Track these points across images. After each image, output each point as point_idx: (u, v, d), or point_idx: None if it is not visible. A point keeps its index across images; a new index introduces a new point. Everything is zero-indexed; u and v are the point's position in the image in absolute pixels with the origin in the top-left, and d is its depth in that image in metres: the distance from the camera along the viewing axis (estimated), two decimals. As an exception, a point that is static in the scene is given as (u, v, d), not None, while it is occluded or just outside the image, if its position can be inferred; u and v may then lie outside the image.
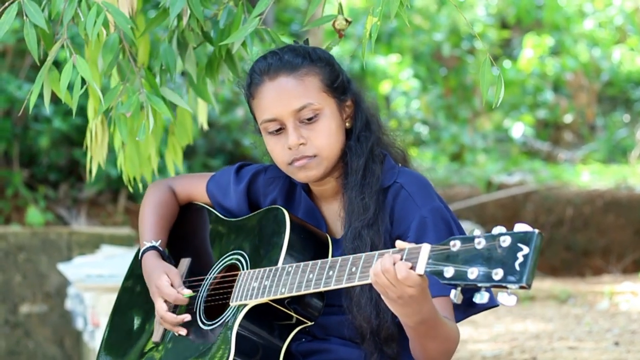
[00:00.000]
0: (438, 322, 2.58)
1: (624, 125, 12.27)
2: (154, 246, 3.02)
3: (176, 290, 2.88)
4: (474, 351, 5.76)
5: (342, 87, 2.84)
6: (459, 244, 2.35)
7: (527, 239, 2.25)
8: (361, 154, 2.82)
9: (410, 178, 2.83)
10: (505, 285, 2.25)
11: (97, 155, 3.43)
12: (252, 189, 3.03)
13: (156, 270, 2.94)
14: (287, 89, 2.78)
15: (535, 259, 2.24)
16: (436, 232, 2.73)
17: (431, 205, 2.77)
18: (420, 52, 12.29)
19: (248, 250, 2.89)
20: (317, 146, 2.78)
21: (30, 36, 2.96)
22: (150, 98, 3.11)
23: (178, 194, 3.17)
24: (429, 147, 11.71)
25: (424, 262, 2.40)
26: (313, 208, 2.92)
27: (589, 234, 9.20)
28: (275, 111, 2.78)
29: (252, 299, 2.74)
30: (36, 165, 8.23)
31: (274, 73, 2.80)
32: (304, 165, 2.79)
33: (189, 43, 3.26)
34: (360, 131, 2.84)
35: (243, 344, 2.72)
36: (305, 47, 2.87)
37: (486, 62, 2.97)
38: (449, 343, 2.65)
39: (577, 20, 12.52)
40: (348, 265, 2.56)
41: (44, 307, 7.22)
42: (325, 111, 2.79)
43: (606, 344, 5.67)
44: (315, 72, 2.80)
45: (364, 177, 2.80)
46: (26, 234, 7.28)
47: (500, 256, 2.27)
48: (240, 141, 8.71)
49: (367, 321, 2.73)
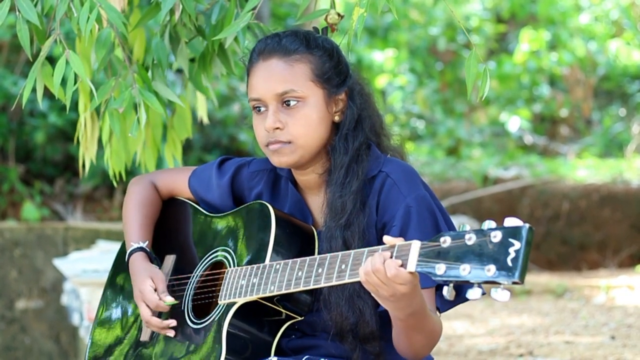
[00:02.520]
0: (426, 315, 2.58)
1: (620, 120, 12.27)
2: (141, 247, 3.01)
3: (159, 296, 2.87)
4: (470, 345, 5.76)
5: (336, 80, 2.82)
6: (449, 240, 2.34)
7: (518, 234, 2.24)
8: (344, 153, 2.80)
9: (395, 166, 2.81)
10: (498, 281, 2.25)
11: (88, 151, 3.43)
12: (236, 183, 3.02)
13: (141, 273, 2.94)
14: (275, 72, 2.78)
15: (527, 253, 2.24)
16: (420, 222, 2.72)
17: (416, 193, 2.76)
18: (416, 46, 12.27)
19: (234, 247, 2.88)
20: (293, 133, 2.77)
21: (23, 32, 2.96)
22: (143, 93, 3.11)
23: (160, 189, 3.15)
24: (425, 141, 11.71)
25: (415, 259, 2.39)
26: (300, 200, 2.91)
27: (585, 228, 9.19)
28: (260, 91, 2.80)
29: (241, 297, 2.73)
30: (32, 161, 8.22)
31: (268, 54, 2.80)
32: (277, 150, 2.79)
33: (181, 38, 3.26)
34: (348, 129, 2.82)
35: (234, 342, 2.72)
36: (308, 33, 2.86)
37: (472, 56, 2.96)
38: (433, 335, 2.65)
39: (573, 14, 12.51)
40: (337, 262, 2.55)
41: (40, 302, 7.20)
42: (309, 100, 2.78)
43: (602, 338, 5.68)
44: (308, 60, 2.79)
45: (346, 175, 2.79)
46: (22, 230, 7.27)
47: (491, 252, 2.26)
48: (236, 136, 8.69)
49: (342, 319, 2.72)
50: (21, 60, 8.02)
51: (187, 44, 3.30)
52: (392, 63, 11.81)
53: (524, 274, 2.23)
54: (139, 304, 2.92)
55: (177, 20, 3.19)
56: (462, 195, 9.26)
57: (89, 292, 5.52)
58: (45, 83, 3.03)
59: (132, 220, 3.08)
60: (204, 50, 3.33)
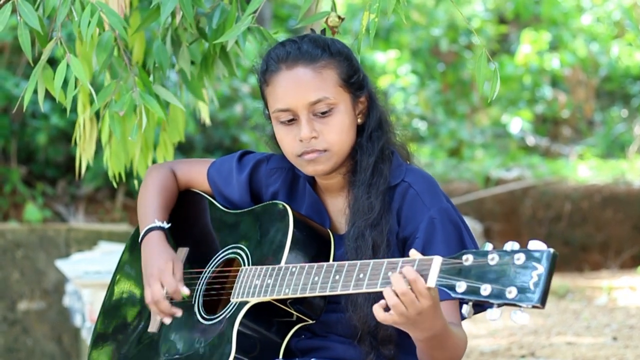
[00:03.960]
0: (449, 334, 2.56)
1: (622, 120, 12.27)
2: (161, 227, 2.94)
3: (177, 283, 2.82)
4: (472, 347, 5.76)
5: (358, 83, 2.80)
6: (471, 259, 2.32)
7: (541, 258, 2.23)
8: (372, 153, 2.78)
9: (417, 177, 2.79)
10: (519, 304, 2.24)
11: (86, 152, 3.43)
12: (254, 179, 2.98)
13: (163, 254, 2.87)
14: (305, 81, 2.73)
15: (550, 278, 2.22)
16: (445, 235, 2.70)
17: (439, 205, 2.74)
18: (418, 47, 12.27)
19: (249, 245, 2.85)
20: (329, 141, 2.74)
21: (24, 37, 2.95)
22: (144, 97, 3.10)
23: (179, 178, 3.10)
24: (427, 142, 11.71)
25: (436, 274, 2.37)
26: (318, 202, 2.89)
27: (587, 229, 9.19)
28: (290, 101, 2.74)
29: (254, 297, 2.70)
30: (34, 162, 8.22)
31: (292, 62, 2.74)
32: (314, 159, 2.75)
33: (183, 41, 3.26)
34: (372, 130, 2.80)
35: (243, 342, 2.70)
36: (325, 38, 2.82)
37: (482, 57, 2.97)
38: (457, 351, 2.63)
39: (575, 15, 12.51)
40: (355, 271, 2.52)
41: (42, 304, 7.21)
42: (340, 106, 2.75)
43: (604, 339, 5.68)
44: (334, 66, 2.75)
45: (372, 176, 2.77)
46: (24, 231, 7.27)
47: (514, 274, 2.24)
48: (239, 137, 8.70)
49: (364, 321, 2.70)
50: (23, 61, 8.03)
51: (189, 47, 3.30)
52: (394, 64, 11.81)
53: (545, 299, 2.22)
54: (152, 282, 2.84)
55: (178, 24, 3.19)
56: (464, 197, 9.26)
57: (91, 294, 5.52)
58: (47, 86, 3.03)
59: (151, 202, 3.00)
60: (206, 53, 3.34)
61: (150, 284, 2.85)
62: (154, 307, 2.85)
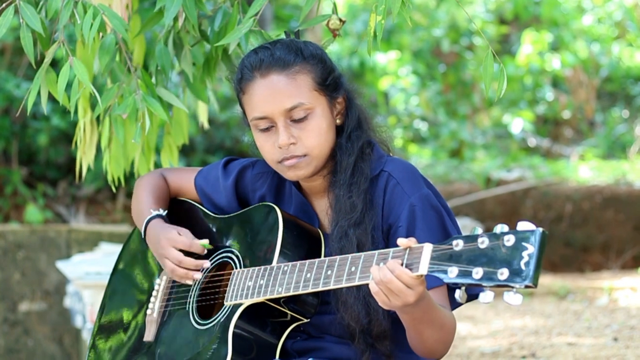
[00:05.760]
0: (432, 306, 2.56)
1: (623, 121, 12.26)
2: (160, 215, 2.97)
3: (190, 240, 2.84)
4: (472, 347, 5.76)
5: (333, 85, 2.81)
6: (461, 244, 2.34)
7: (531, 238, 2.25)
8: (351, 153, 2.79)
9: (397, 166, 2.80)
10: (511, 285, 2.25)
11: (86, 155, 3.43)
12: (240, 185, 3.00)
13: (166, 230, 2.89)
14: (279, 88, 2.74)
15: (540, 257, 2.24)
16: (426, 220, 2.72)
17: (419, 192, 2.75)
18: (419, 48, 12.27)
19: (240, 248, 2.86)
20: (307, 146, 2.75)
21: (27, 40, 2.96)
22: (146, 99, 3.10)
23: (170, 184, 3.12)
24: (428, 143, 11.71)
25: (427, 262, 2.39)
26: (305, 203, 2.90)
27: (588, 229, 9.19)
28: (266, 109, 2.75)
29: (248, 299, 2.72)
30: (35, 163, 8.23)
31: (266, 70, 2.75)
32: (294, 165, 2.76)
33: (185, 44, 3.26)
34: (352, 129, 2.82)
35: (239, 344, 2.71)
36: (297, 42, 2.83)
37: (488, 57, 2.97)
38: (445, 329, 2.62)
39: (576, 15, 12.50)
40: (347, 264, 2.54)
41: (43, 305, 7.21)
42: (316, 110, 2.76)
43: (605, 340, 5.68)
44: (307, 70, 2.76)
45: (353, 175, 2.77)
46: (25, 232, 7.28)
47: (504, 255, 2.26)
48: (240, 138, 8.70)
49: (356, 320, 2.71)
50: (24, 63, 8.03)
51: (191, 49, 3.30)
52: (395, 65, 11.81)
53: (537, 278, 2.24)
54: (166, 253, 2.85)
55: (180, 27, 3.19)
56: (465, 197, 9.26)
57: (92, 295, 5.52)
58: (50, 89, 3.03)
59: (145, 200, 3.03)
60: (208, 55, 3.34)
61: (165, 255, 2.86)
62: (179, 271, 2.85)
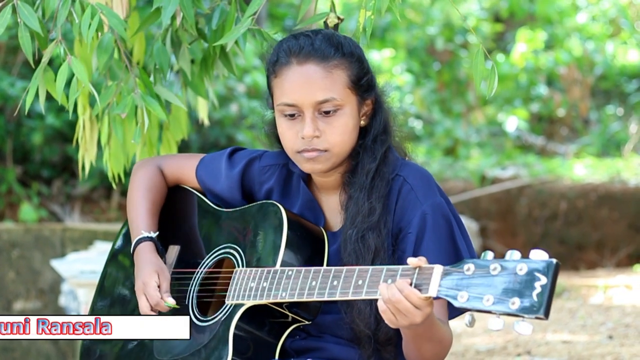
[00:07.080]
0: (434, 324, 2.55)
1: (618, 119, 12.26)
2: (150, 237, 2.93)
3: (161, 295, 2.81)
4: (467, 345, 5.76)
5: (366, 86, 2.78)
6: (473, 268, 2.30)
7: (544, 269, 2.22)
8: (375, 156, 2.76)
9: (412, 171, 2.78)
10: (522, 315, 2.22)
11: (88, 153, 3.43)
12: (247, 176, 2.96)
13: (147, 266, 2.86)
14: (314, 79, 2.70)
15: (553, 289, 2.21)
16: (436, 230, 2.69)
17: (432, 200, 2.73)
18: (414, 46, 12.27)
19: (242, 246, 2.83)
20: (331, 142, 2.72)
21: (25, 39, 2.94)
22: (145, 98, 3.10)
23: (166, 175, 3.08)
24: (423, 141, 11.70)
25: (437, 284, 2.35)
26: (312, 200, 2.86)
27: (583, 227, 9.19)
28: (297, 97, 2.71)
29: (250, 300, 2.69)
30: (29, 162, 8.21)
31: (304, 58, 2.71)
32: (314, 158, 2.73)
33: (183, 42, 3.26)
34: (378, 133, 2.79)
35: (240, 343, 2.70)
36: (338, 36, 2.79)
37: (479, 54, 2.97)
38: (443, 344, 2.62)
39: (570, 13, 12.51)
40: (354, 277, 2.50)
41: (38, 303, 7.20)
42: (345, 108, 2.73)
43: (600, 338, 5.68)
44: (345, 67, 2.73)
45: (373, 179, 2.74)
46: (19, 231, 7.27)
47: (517, 285, 2.23)
48: (234, 136, 8.69)
49: (366, 325, 2.68)
50: (18, 61, 8.02)
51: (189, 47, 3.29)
52: (390, 63, 11.80)
53: (549, 310, 2.20)
54: (139, 296, 2.84)
55: (178, 25, 3.18)
56: (459, 195, 9.26)
57: (86, 293, 5.51)
58: (48, 89, 3.02)
59: (139, 206, 2.99)
60: (205, 53, 3.33)
61: (138, 297, 2.86)
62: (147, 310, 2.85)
